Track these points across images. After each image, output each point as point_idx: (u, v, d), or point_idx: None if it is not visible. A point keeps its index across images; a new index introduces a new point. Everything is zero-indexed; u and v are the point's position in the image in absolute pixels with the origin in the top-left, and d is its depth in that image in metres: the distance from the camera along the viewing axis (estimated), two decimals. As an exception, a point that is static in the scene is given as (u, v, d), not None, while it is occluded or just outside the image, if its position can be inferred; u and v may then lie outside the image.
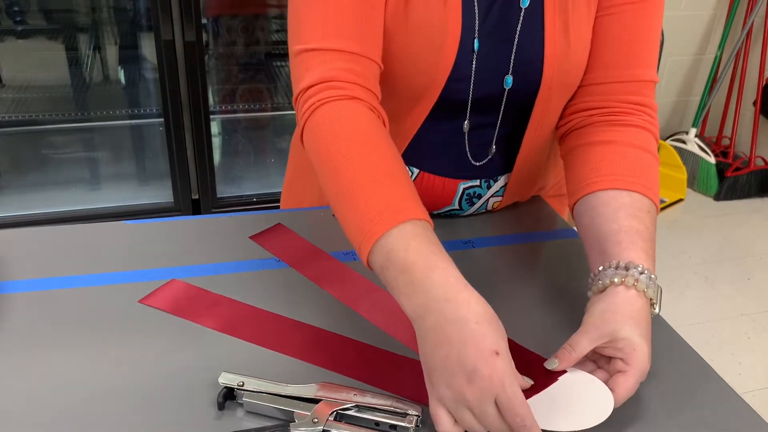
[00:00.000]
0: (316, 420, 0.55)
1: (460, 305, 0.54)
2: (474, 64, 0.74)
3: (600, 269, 0.65)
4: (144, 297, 0.71)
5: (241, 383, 0.58)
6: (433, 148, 0.83)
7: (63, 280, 0.73)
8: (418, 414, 0.56)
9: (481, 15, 0.73)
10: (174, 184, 2.13)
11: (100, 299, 0.71)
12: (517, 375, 0.54)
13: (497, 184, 0.88)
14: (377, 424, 0.56)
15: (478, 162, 0.84)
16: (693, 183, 2.84)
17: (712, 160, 2.77)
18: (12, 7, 2.15)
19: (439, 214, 0.89)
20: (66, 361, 0.62)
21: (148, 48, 2.23)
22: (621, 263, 0.63)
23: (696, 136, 2.83)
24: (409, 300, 0.56)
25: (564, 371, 0.60)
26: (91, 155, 2.48)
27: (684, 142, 2.85)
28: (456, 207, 0.88)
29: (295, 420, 0.56)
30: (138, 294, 0.71)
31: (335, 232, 0.86)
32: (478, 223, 0.89)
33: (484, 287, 0.77)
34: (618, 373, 0.59)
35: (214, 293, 0.72)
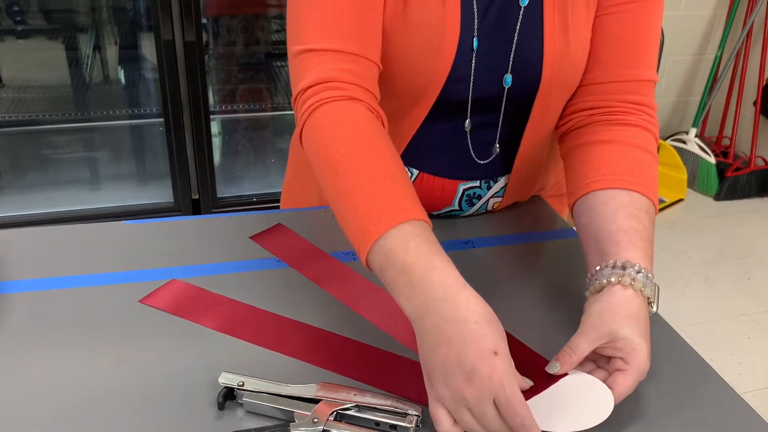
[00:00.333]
0: (316, 420, 0.55)
1: (459, 305, 0.54)
2: (473, 63, 0.74)
3: (597, 269, 0.65)
4: (144, 297, 0.71)
5: (241, 383, 0.58)
6: (433, 148, 0.83)
7: (63, 280, 0.73)
8: (418, 414, 0.56)
9: (480, 14, 0.73)
10: (174, 184, 2.12)
11: (100, 299, 0.71)
12: (517, 375, 0.54)
13: (497, 185, 0.87)
14: (377, 424, 0.56)
15: (482, 160, 0.84)
16: (693, 183, 2.84)
17: (712, 160, 2.77)
18: (12, 7, 2.15)
19: (439, 215, 0.89)
20: (66, 361, 0.62)
21: (148, 48, 2.23)
22: (618, 263, 0.63)
23: (696, 136, 2.83)
24: (408, 300, 0.56)
25: (565, 374, 0.60)
26: (91, 155, 2.48)
27: (684, 142, 2.85)
28: (456, 208, 0.88)
29: (295, 420, 0.56)
30: (138, 294, 0.71)
31: (335, 232, 0.86)
32: (478, 223, 0.89)
33: (484, 287, 0.77)
34: (617, 372, 0.59)
35: (214, 293, 0.72)
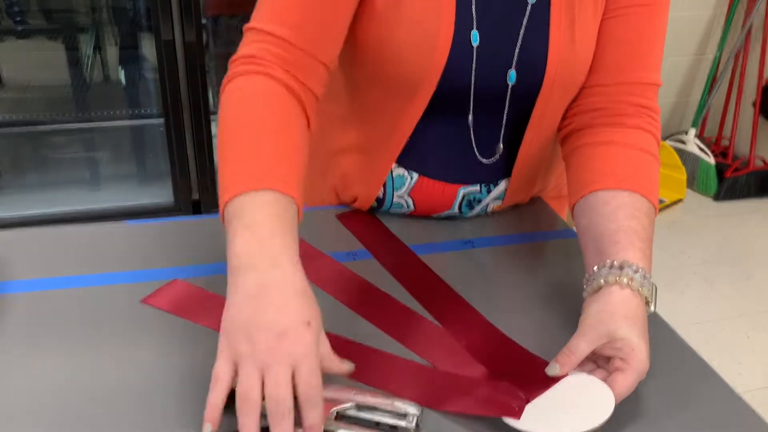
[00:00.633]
0: None
1: (287, 274, 0.56)
2: (474, 57, 0.74)
3: (595, 269, 0.65)
4: (146, 297, 0.71)
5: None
6: (434, 147, 0.82)
7: (63, 280, 0.73)
8: (417, 413, 0.56)
9: (480, 8, 0.73)
10: (174, 184, 2.12)
11: (101, 299, 0.71)
12: (333, 356, 0.56)
13: (497, 189, 0.87)
14: (377, 424, 0.56)
15: (486, 159, 0.84)
16: (692, 183, 2.84)
17: (712, 160, 2.77)
18: (12, 7, 2.15)
19: (438, 218, 0.89)
20: (66, 361, 0.62)
21: (148, 48, 2.23)
22: (616, 263, 0.63)
23: (695, 136, 2.83)
24: (239, 251, 0.57)
25: (565, 375, 0.60)
26: (92, 155, 2.49)
27: (683, 143, 2.85)
28: (456, 212, 0.88)
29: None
30: (138, 294, 0.71)
31: (334, 232, 0.86)
32: (478, 223, 0.89)
33: (484, 287, 0.78)
34: (617, 372, 0.59)
35: (216, 294, 0.72)
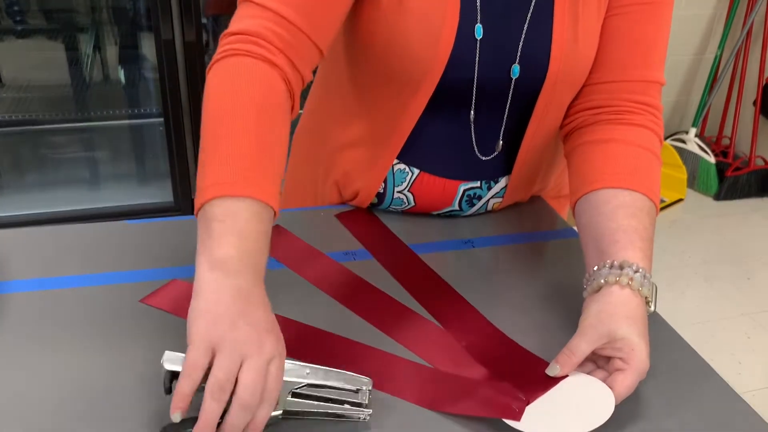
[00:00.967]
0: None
1: (266, 299, 0.56)
2: (477, 51, 0.74)
3: (595, 269, 0.65)
4: (145, 297, 0.71)
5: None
6: (434, 142, 0.82)
7: (63, 280, 0.73)
8: (369, 389, 0.56)
9: (484, 1, 0.73)
10: (174, 184, 2.12)
11: (100, 299, 0.71)
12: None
13: (498, 186, 0.87)
14: (330, 399, 0.57)
15: (485, 156, 0.84)
16: (693, 183, 2.84)
17: (712, 159, 2.76)
18: (12, 7, 2.15)
19: (438, 215, 0.89)
20: (66, 361, 0.62)
21: (148, 48, 2.22)
22: (616, 262, 0.63)
23: (696, 135, 2.83)
24: (229, 251, 0.55)
25: (565, 375, 0.60)
26: (91, 155, 2.48)
27: (684, 142, 2.84)
28: (456, 208, 0.88)
29: None
30: (138, 294, 0.71)
31: (334, 232, 0.86)
32: (478, 223, 0.89)
33: (484, 287, 0.77)
34: (617, 372, 0.59)
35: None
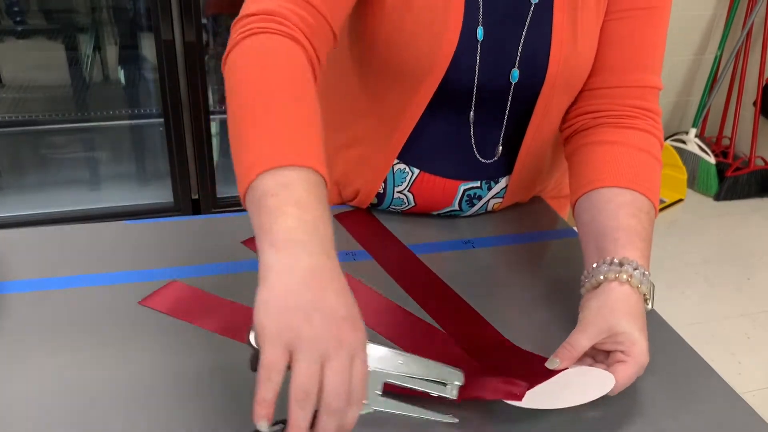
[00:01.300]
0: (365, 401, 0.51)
1: (336, 266, 0.52)
2: (479, 53, 0.74)
3: (594, 266, 0.65)
4: (144, 298, 0.71)
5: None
6: (435, 143, 0.82)
7: (63, 280, 0.73)
8: (460, 383, 0.55)
9: (487, 4, 0.73)
10: (174, 184, 2.12)
11: (100, 299, 0.71)
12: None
13: (498, 186, 0.87)
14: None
15: (486, 160, 0.84)
16: (693, 183, 2.84)
17: (712, 160, 2.76)
18: (12, 7, 2.15)
19: (438, 214, 0.89)
20: (65, 362, 0.62)
21: (148, 48, 2.22)
22: (615, 260, 0.64)
23: (696, 136, 2.83)
24: (292, 223, 0.51)
25: (565, 368, 0.61)
26: (91, 155, 2.48)
27: (684, 142, 2.84)
28: (456, 208, 0.88)
29: None
30: (138, 294, 0.71)
31: (334, 232, 0.86)
32: (478, 223, 0.89)
33: (484, 287, 0.78)
34: (618, 363, 0.60)
35: (215, 295, 0.72)
